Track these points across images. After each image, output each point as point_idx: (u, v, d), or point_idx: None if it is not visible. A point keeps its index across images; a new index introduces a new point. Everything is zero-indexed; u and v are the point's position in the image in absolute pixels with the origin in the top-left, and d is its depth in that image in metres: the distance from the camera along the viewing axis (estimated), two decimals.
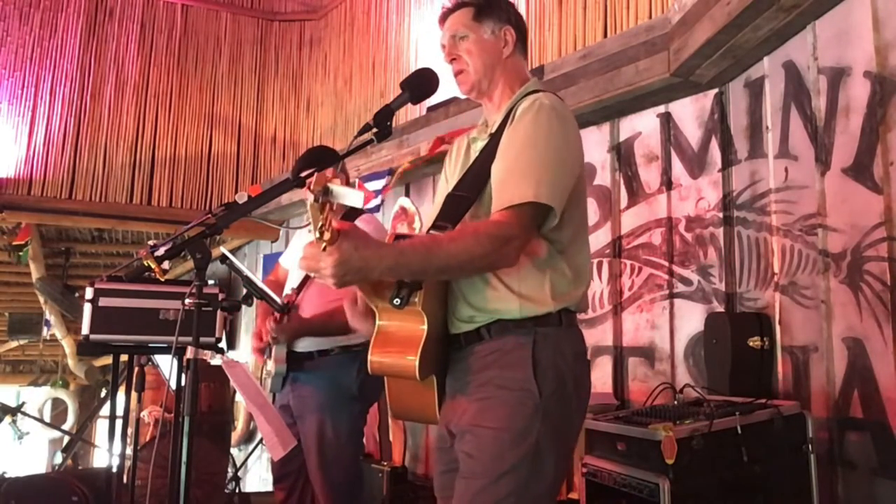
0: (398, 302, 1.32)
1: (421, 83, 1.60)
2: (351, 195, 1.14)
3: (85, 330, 2.84)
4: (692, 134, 3.04)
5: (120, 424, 3.15)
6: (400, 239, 1.34)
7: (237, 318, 6.67)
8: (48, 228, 6.17)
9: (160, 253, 1.73)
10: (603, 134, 3.42)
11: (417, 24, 5.06)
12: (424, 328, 1.36)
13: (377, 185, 4.32)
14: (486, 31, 1.58)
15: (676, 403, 2.36)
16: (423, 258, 1.29)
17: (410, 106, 3.39)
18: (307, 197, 1.11)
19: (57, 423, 8.18)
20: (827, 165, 2.39)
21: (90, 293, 2.85)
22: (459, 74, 1.60)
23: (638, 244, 3.21)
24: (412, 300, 1.33)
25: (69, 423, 8.60)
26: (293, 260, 2.76)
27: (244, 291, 2.30)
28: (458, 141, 1.74)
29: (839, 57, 2.36)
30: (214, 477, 3.88)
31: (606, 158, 3.40)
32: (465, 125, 3.73)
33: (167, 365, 3.46)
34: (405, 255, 1.27)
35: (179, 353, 1.89)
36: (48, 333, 7.38)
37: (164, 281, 1.91)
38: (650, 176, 3.20)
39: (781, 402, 2.28)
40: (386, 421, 4.19)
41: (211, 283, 2.19)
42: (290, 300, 2.54)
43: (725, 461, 2.03)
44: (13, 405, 4.94)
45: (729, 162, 2.89)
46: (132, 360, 3.07)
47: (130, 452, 3.42)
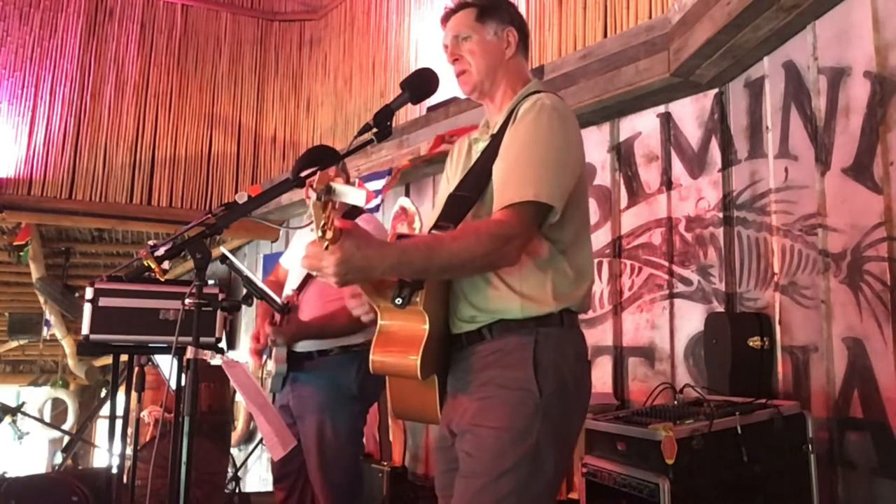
0: (400, 301, 1.32)
1: (421, 83, 1.60)
2: (353, 194, 1.14)
3: (85, 330, 2.84)
4: (692, 134, 3.04)
5: (120, 424, 3.15)
6: (401, 239, 1.34)
7: (237, 318, 6.67)
8: (48, 228, 6.17)
9: (160, 253, 1.73)
10: (603, 134, 3.42)
11: (417, 24, 5.06)
12: (426, 328, 1.36)
13: (377, 185, 4.31)
14: (488, 32, 1.59)
15: (676, 403, 2.36)
16: (424, 257, 1.30)
17: (410, 106, 3.39)
18: (310, 195, 1.11)
19: (57, 423, 8.18)
20: (827, 165, 2.39)
21: (90, 293, 2.85)
22: (462, 75, 1.60)
23: (638, 244, 3.21)
24: (414, 300, 1.34)
25: (69, 423, 8.60)
26: (293, 260, 2.76)
27: (244, 291, 2.30)
28: (459, 142, 1.75)
29: (839, 57, 2.36)
30: (214, 477, 3.88)
31: (606, 158, 3.40)
32: (465, 125, 3.74)
33: (167, 365, 3.46)
34: (407, 253, 1.28)
35: (179, 353, 1.89)
36: (48, 333, 7.38)
37: (164, 281, 1.91)
38: (650, 176, 3.20)
39: (781, 402, 2.28)
40: (386, 421, 4.19)
41: (211, 283, 2.19)
42: (290, 301, 2.55)
43: (725, 461, 2.03)
44: (13, 405, 4.94)
45: (729, 162, 2.89)
46: (132, 360, 3.07)
47: (130, 452, 3.42)
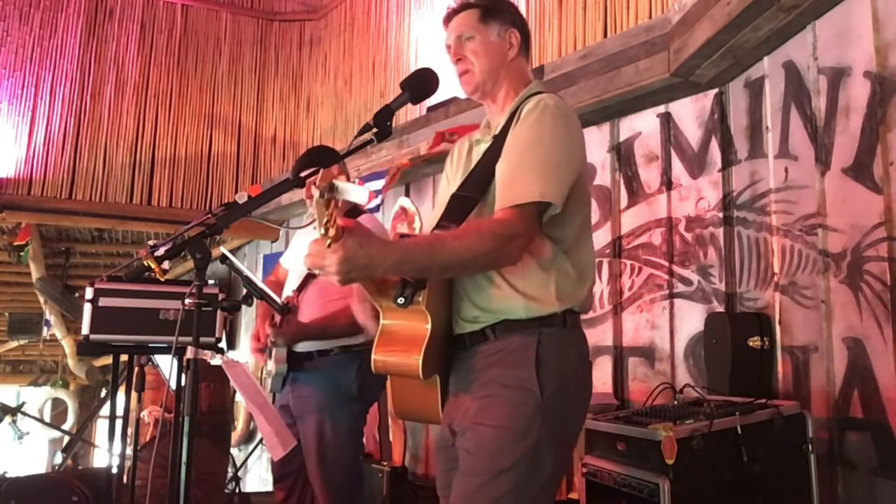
0: (402, 301, 1.32)
1: (421, 83, 1.60)
2: (355, 191, 1.15)
3: (85, 330, 2.84)
4: (692, 134, 3.04)
5: (120, 424, 3.15)
6: (403, 238, 1.34)
7: (237, 318, 6.67)
8: (48, 228, 6.17)
9: (160, 253, 1.73)
10: (603, 134, 3.42)
11: (417, 24, 5.06)
12: (428, 327, 1.36)
13: (377, 185, 4.32)
14: (492, 33, 1.59)
15: (676, 403, 2.36)
16: (427, 255, 1.30)
17: (410, 106, 3.38)
18: (313, 191, 1.12)
19: (57, 423, 8.18)
20: (827, 165, 2.39)
21: (90, 293, 2.85)
22: (464, 75, 1.60)
23: (638, 244, 3.21)
24: (416, 299, 1.34)
25: (69, 423, 8.59)
26: (293, 260, 2.76)
27: (244, 291, 2.30)
28: (459, 143, 1.75)
29: (839, 57, 2.36)
30: (214, 477, 3.88)
31: (606, 158, 3.40)
32: (465, 124, 3.74)
33: (167, 365, 3.46)
34: (409, 252, 1.28)
35: (179, 353, 1.89)
36: (48, 333, 7.38)
37: (164, 281, 1.91)
38: (650, 176, 3.20)
39: (781, 402, 2.28)
40: (386, 421, 4.19)
41: (211, 283, 2.19)
42: (290, 301, 2.55)
43: (725, 461, 2.03)
44: (13, 405, 4.94)
45: (729, 162, 2.89)
46: (132, 360, 3.07)
47: (130, 452, 3.42)
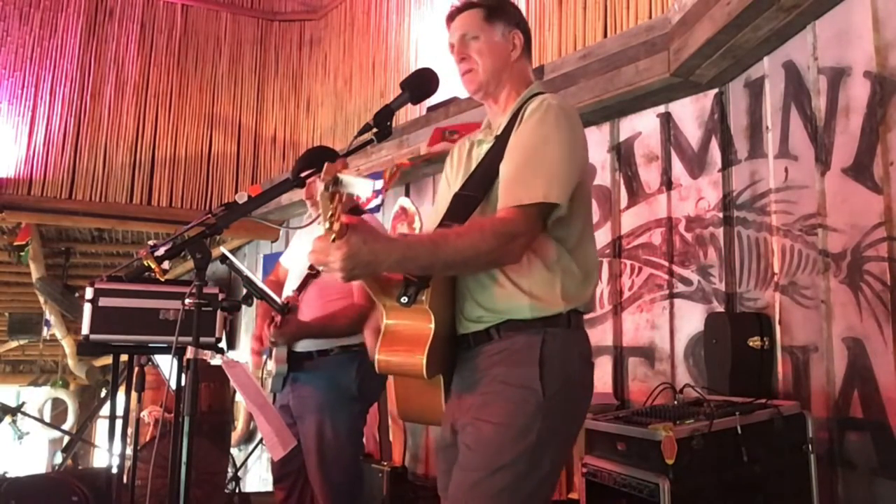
0: (406, 300, 1.33)
1: (421, 83, 1.60)
2: (360, 184, 1.16)
3: (85, 330, 2.84)
4: (692, 134, 3.04)
5: (120, 424, 3.15)
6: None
7: (237, 318, 6.67)
8: (48, 228, 6.17)
9: (160, 253, 1.73)
10: (603, 134, 3.42)
11: (417, 24, 5.06)
12: (432, 326, 1.36)
13: (377, 185, 4.31)
14: (496, 33, 1.59)
15: (676, 403, 2.36)
16: (430, 252, 1.30)
17: (410, 106, 3.38)
18: (318, 185, 1.12)
19: (57, 423, 8.17)
20: (827, 165, 2.39)
21: (90, 293, 2.85)
22: (468, 74, 1.59)
23: (638, 244, 3.21)
24: (420, 298, 1.34)
25: (69, 423, 8.59)
26: (293, 260, 2.75)
27: (244, 291, 2.30)
28: (459, 144, 1.75)
29: (839, 57, 2.36)
30: (214, 477, 3.88)
31: (606, 158, 3.40)
32: (465, 122, 3.74)
33: (167, 365, 3.46)
34: (412, 248, 1.29)
35: (179, 353, 1.89)
36: (48, 333, 7.38)
37: (164, 281, 1.91)
38: (650, 176, 3.20)
39: (781, 402, 2.28)
40: (386, 421, 4.19)
41: (211, 283, 2.19)
42: (290, 301, 2.54)
43: (725, 461, 2.03)
44: (13, 405, 4.94)
45: (729, 162, 2.89)
46: (132, 360, 3.07)
47: (130, 452, 3.42)
